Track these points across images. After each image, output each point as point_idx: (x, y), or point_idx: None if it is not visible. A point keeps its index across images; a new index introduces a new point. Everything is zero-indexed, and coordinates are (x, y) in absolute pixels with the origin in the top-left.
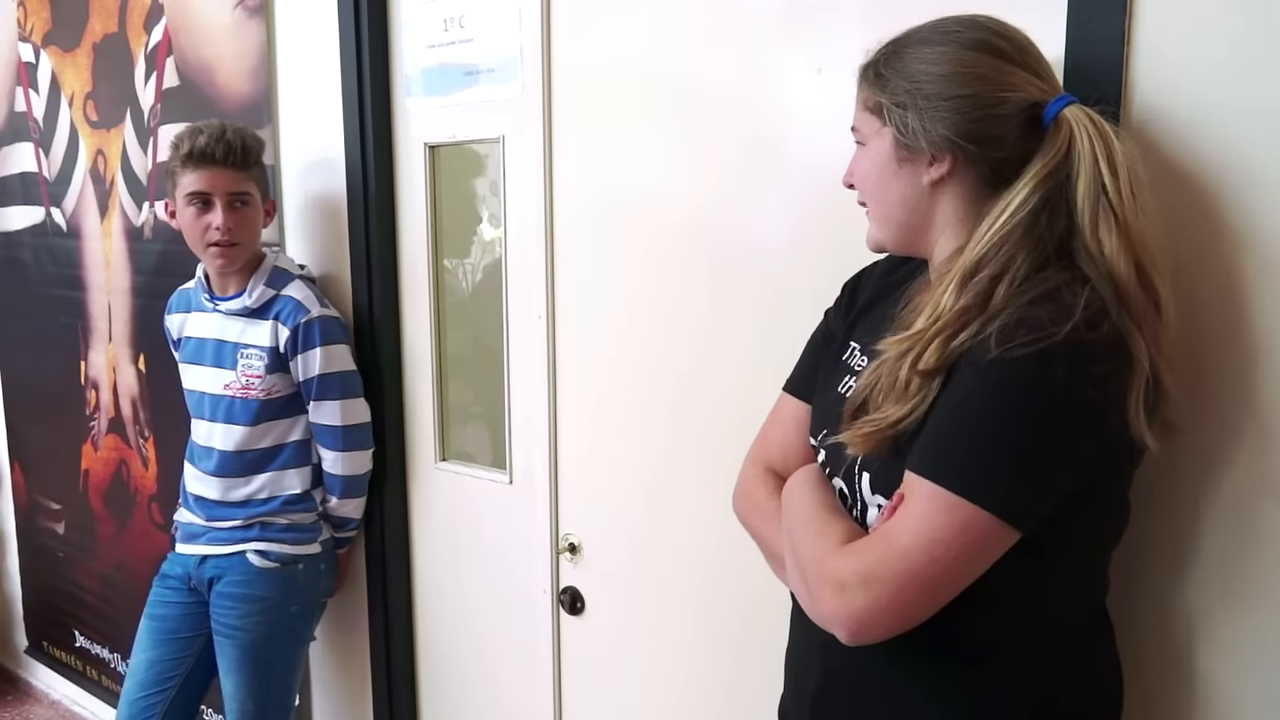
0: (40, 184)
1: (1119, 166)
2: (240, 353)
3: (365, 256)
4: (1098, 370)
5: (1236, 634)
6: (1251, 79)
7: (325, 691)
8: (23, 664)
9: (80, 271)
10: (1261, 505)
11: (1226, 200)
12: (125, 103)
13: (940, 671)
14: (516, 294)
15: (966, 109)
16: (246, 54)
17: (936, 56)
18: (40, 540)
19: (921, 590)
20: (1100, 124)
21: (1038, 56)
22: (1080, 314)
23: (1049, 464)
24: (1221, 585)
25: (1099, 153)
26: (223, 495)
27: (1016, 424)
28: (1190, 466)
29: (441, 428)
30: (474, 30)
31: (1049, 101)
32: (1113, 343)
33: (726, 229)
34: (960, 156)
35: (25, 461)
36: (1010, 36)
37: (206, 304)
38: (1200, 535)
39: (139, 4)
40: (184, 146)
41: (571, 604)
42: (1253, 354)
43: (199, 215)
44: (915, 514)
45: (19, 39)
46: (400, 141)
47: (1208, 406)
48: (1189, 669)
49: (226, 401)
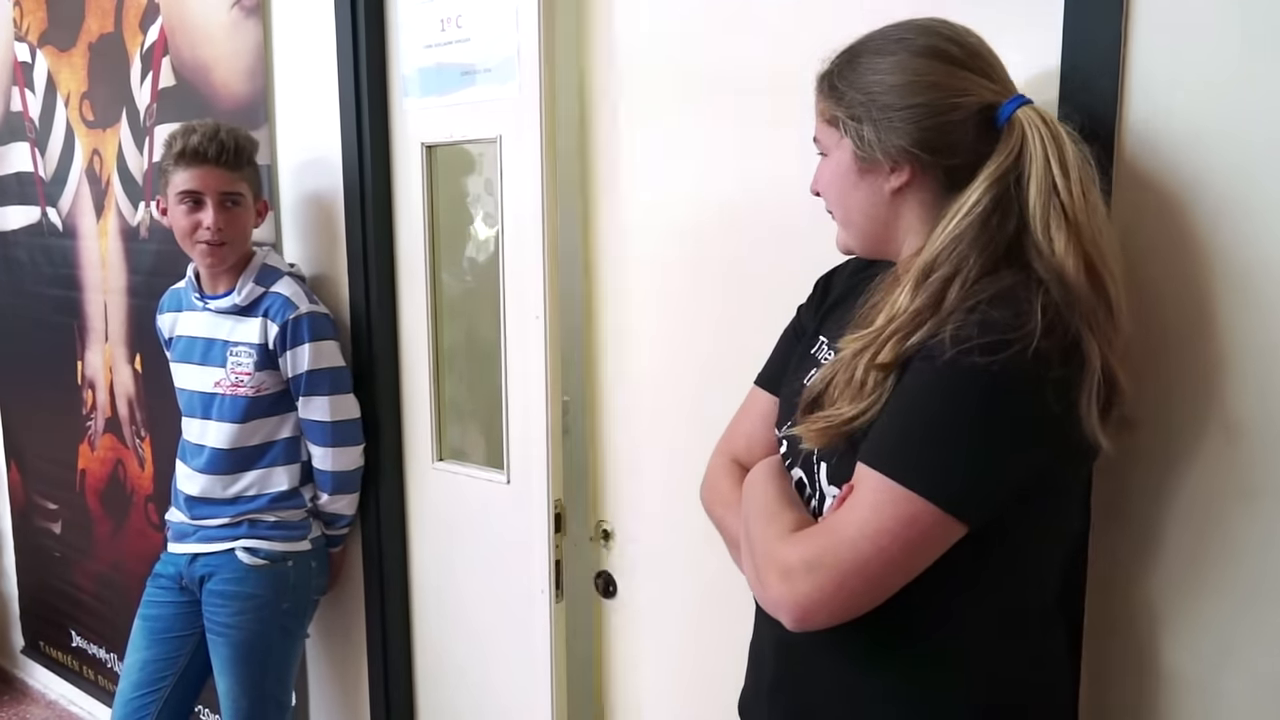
0: (36, 184)
1: (1070, 166)
2: (230, 350)
3: (362, 256)
4: (1054, 375)
5: (1201, 630)
6: (1228, 99)
7: (322, 690)
8: (19, 664)
9: (76, 271)
10: (1226, 504)
11: (1195, 208)
12: (121, 102)
13: (886, 664)
14: (514, 294)
15: (920, 118)
16: (243, 53)
17: (889, 66)
18: (37, 540)
19: (866, 579)
20: (1053, 124)
21: (990, 58)
22: (1038, 318)
23: (999, 463)
24: (1186, 582)
25: (1050, 153)
26: (212, 492)
27: (968, 423)
28: (1155, 466)
29: (438, 428)
30: (471, 30)
31: (1002, 104)
32: (1068, 346)
33: (752, 221)
34: (918, 165)
35: (22, 461)
36: (961, 40)
37: (196, 303)
38: (1164, 533)
39: (135, 4)
40: (177, 145)
41: (605, 589)
42: (1217, 355)
43: (189, 213)
44: (864, 505)
45: (15, 39)
46: (397, 141)
47: (1170, 406)
48: (1154, 665)
49: (217, 399)
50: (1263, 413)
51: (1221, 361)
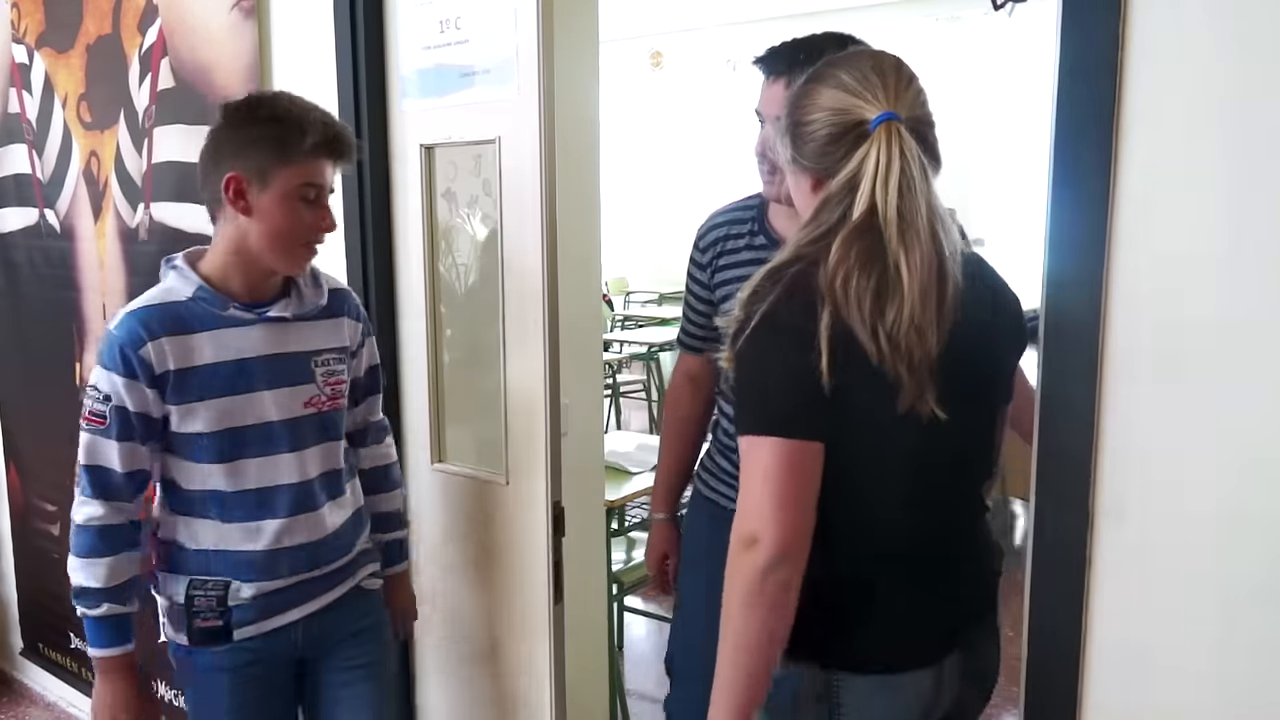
0: (34, 185)
1: (891, 175)
2: (315, 360)
3: (361, 257)
4: (802, 323)
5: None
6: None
7: None
8: (18, 666)
9: (74, 273)
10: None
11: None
12: (119, 104)
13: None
14: (514, 294)
15: (810, 137)
16: (244, 55)
17: (801, 93)
18: (36, 542)
19: (784, 512)
20: (898, 135)
21: (879, 81)
22: (781, 289)
23: (790, 389)
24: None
25: (880, 160)
26: (327, 528)
27: (764, 372)
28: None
29: (438, 428)
30: (470, 32)
31: (872, 119)
32: (805, 307)
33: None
34: (819, 173)
35: (20, 463)
36: (855, 67)
37: (243, 315)
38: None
39: (133, 5)
40: (313, 133)
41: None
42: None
43: (311, 209)
44: (747, 465)
45: (12, 40)
46: (396, 142)
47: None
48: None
49: (308, 421)
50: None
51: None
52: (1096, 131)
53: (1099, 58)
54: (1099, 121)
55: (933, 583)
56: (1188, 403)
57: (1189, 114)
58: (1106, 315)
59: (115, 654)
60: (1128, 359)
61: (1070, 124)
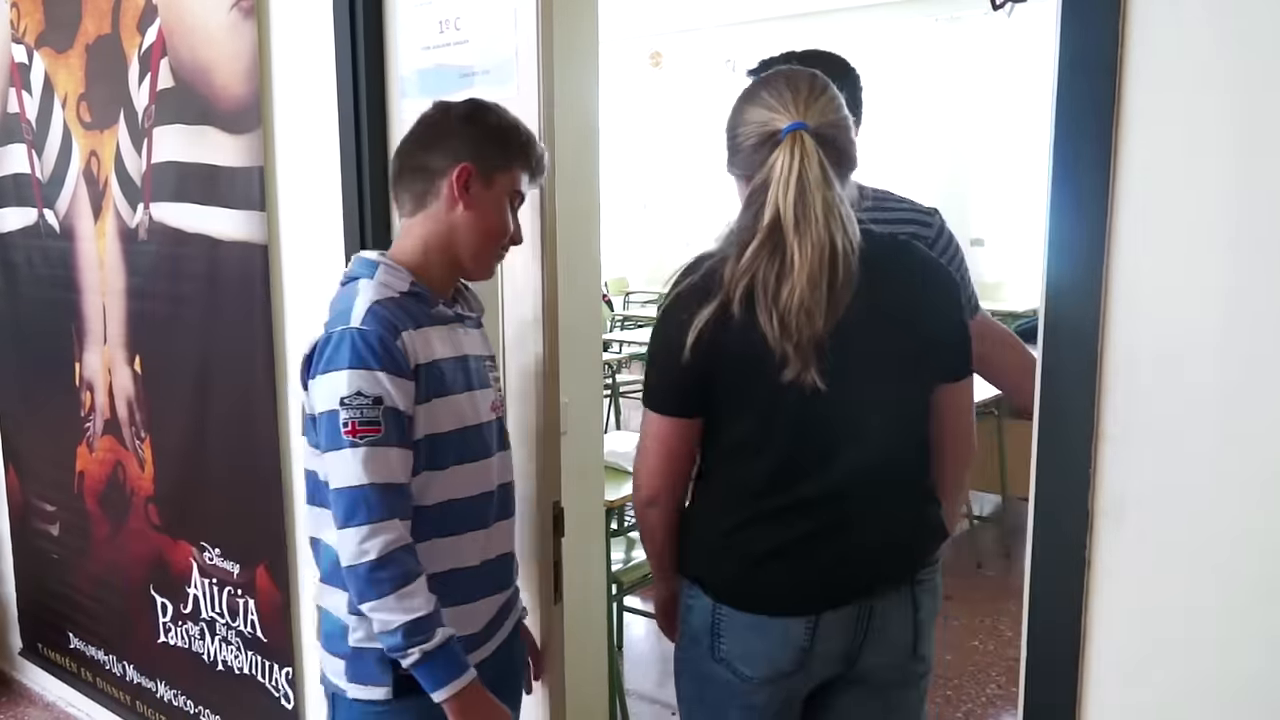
0: (33, 185)
1: (791, 176)
2: (484, 364)
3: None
4: (688, 311)
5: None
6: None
7: None
8: (17, 666)
9: (74, 273)
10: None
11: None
12: (119, 104)
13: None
14: (514, 294)
15: (739, 147)
16: (244, 55)
17: (735, 109)
18: (35, 542)
19: (654, 475)
20: (801, 144)
21: (792, 96)
22: (695, 277)
23: (667, 370)
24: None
25: (784, 164)
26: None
27: (654, 352)
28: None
29: None
30: (469, 32)
31: (783, 129)
32: (700, 295)
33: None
34: (748, 177)
35: (20, 463)
36: (774, 85)
37: (448, 313)
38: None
39: (132, 5)
40: (535, 151)
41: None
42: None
43: (513, 217)
44: (641, 428)
45: (12, 40)
46: (396, 143)
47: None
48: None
49: (498, 426)
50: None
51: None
52: (1096, 129)
53: (1099, 55)
54: (1099, 119)
55: (814, 544)
56: (1188, 403)
57: (1189, 111)
58: (1106, 315)
59: (470, 679)
60: (1128, 359)
61: (1070, 122)
